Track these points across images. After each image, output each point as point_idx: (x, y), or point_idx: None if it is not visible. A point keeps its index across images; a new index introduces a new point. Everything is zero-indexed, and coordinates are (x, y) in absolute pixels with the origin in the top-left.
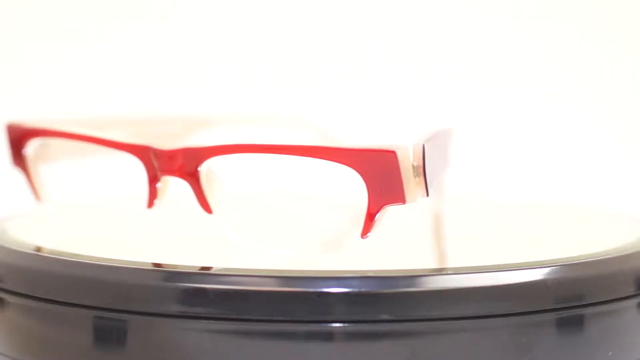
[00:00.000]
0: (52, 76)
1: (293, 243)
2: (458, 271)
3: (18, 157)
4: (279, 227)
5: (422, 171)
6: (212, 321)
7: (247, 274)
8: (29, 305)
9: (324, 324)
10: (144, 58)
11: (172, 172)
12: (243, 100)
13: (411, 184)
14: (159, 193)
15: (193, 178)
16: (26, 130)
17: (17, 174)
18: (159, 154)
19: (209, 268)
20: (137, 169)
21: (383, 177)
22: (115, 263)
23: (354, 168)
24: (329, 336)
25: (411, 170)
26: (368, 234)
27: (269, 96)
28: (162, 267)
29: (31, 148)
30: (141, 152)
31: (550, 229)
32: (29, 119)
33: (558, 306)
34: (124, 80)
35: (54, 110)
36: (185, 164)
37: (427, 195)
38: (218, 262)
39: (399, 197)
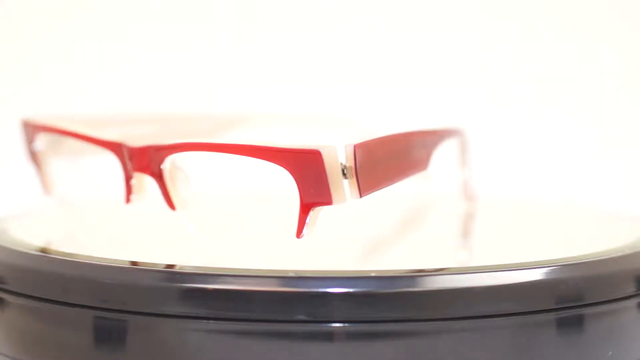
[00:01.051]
0: (80, 72)
1: (253, 241)
2: (458, 271)
3: (30, 151)
4: (243, 225)
5: (354, 172)
6: (212, 321)
7: (247, 274)
8: (29, 305)
9: (324, 324)
10: (178, 55)
11: (141, 169)
12: (291, 99)
13: (339, 185)
14: (134, 189)
15: (157, 175)
16: (35, 126)
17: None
18: (130, 151)
19: (209, 268)
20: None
21: (310, 177)
22: (115, 263)
23: (285, 168)
24: (329, 336)
25: (339, 170)
26: (303, 234)
27: (314, 95)
28: (162, 267)
29: (42, 143)
30: (116, 148)
31: (550, 229)
32: (50, 114)
33: (558, 306)
34: (161, 77)
35: (82, 106)
36: (150, 161)
37: (360, 196)
38: (218, 262)
39: (325, 197)
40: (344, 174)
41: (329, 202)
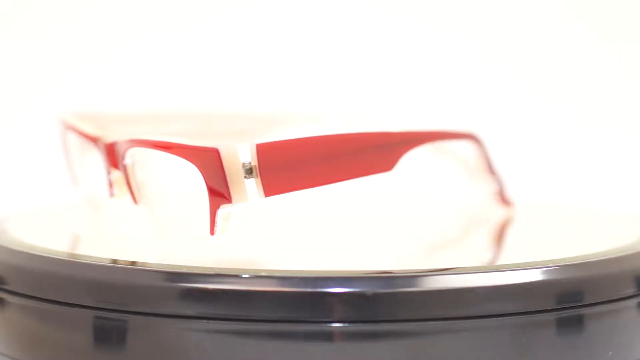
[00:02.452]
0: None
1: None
2: (458, 271)
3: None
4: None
5: (258, 171)
6: (212, 321)
7: (247, 274)
8: (29, 305)
9: (324, 324)
10: (218, 53)
11: (112, 164)
12: (334, 98)
13: (240, 184)
14: (114, 183)
15: (123, 170)
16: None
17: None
18: (104, 146)
19: (209, 268)
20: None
21: (212, 175)
22: (115, 263)
23: (195, 166)
24: (329, 336)
25: (240, 169)
26: (216, 232)
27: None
28: (162, 267)
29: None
30: (96, 143)
31: (550, 229)
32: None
33: (558, 306)
34: (199, 74)
35: (119, 103)
36: (117, 155)
37: (265, 196)
38: (218, 262)
39: (226, 196)
40: (250, 173)
41: (229, 200)
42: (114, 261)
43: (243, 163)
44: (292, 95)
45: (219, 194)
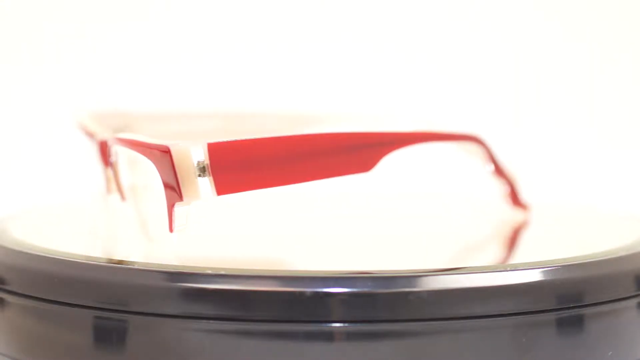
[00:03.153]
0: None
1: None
2: (458, 271)
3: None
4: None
5: (209, 170)
6: (212, 321)
7: (247, 274)
8: (29, 305)
9: (324, 324)
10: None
11: (104, 161)
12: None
13: (192, 182)
14: (109, 179)
15: (111, 167)
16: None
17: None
18: (97, 143)
19: (209, 268)
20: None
21: (165, 173)
22: (115, 263)
23: (153, 163)
24: (329, 336)
25: (192, 168)
26: (174, 230)
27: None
28: (162, 267)
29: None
30: (91, 139)
31: (550, 229)
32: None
33: (558, 306)
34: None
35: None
36: (106, 153)
37: (217, 194)
38: (218, 262)
39: (178, 194)
40: (203, 172)
41: (180, 198)
42: (114, 261)
43: (198, 162)
44: (316, 97)
45: (172, 191)
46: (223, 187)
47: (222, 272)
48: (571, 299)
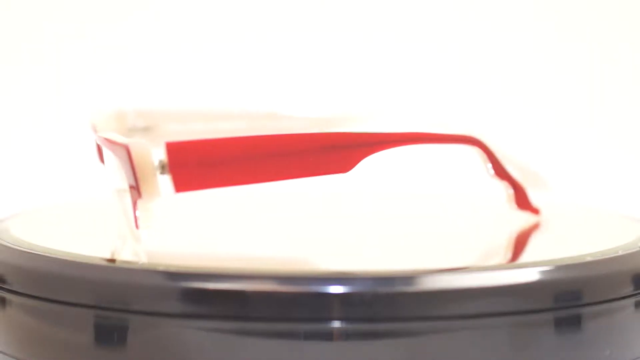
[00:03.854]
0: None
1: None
2: (458, 271)
3: None
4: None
5: (167, 168)
6: (212, 321)
7: (247, 274)
8: (30, 304)
9: (324, 324)
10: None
11: (100, 159)
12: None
13: (151, 180)
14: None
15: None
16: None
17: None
18: (95, 143)
19: (209, 268)
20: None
21: (127, 170)
22: (115, 263)
23: (118, 161)
24: (329, 336)
25: (152, 165)
26: (142, 226)
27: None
28: (162, 267)
29: None
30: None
31: (549, 229)
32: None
33: (556, 305)
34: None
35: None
36: (99, 152)
37: (176, 192)
38: (218, 261)
39: (138, 191)
40: (164, 170)
41: (139, 195)
42: (114, 261)
43: (160, 160)
44: (338, 98)
45: (135, 189)
46: (181, 185)
47: (222, 272)
48: (569, 299)
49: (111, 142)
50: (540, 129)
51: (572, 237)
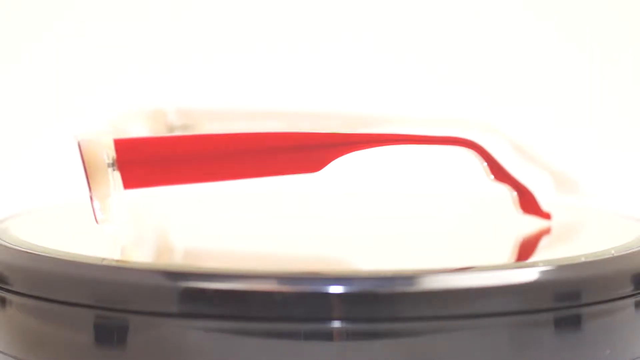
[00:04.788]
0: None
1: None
2: (458, 271)
3: None
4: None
5: (116, 166)
6: (212, 321)
7: (247, 274)
8: (30, 304)
9: (324, 324)
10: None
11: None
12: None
13: (102, 176)
14: None
15: None
16: None
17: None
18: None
19: (209, 268)
20: None
21: (84, 167)
22: (116, 263)
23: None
24: (329, 336)
25: (103, 162)
26: (101, 220)
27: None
28: (162, 267)
29: None
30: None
31: (549, 229)
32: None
33: (556, 305)
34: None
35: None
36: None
37: (124, 189)
38: (218, 262)
39: (88, 186)
40: (113, 166)
41: (89, 190)
42: (114, 261)
43: (113, 157)
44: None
45: (88, 184)
46: (130, 182)
47: (222, 272)
48: (569, 298)
49: (75, 138)
50: (540, 129)
51: (572, 237)
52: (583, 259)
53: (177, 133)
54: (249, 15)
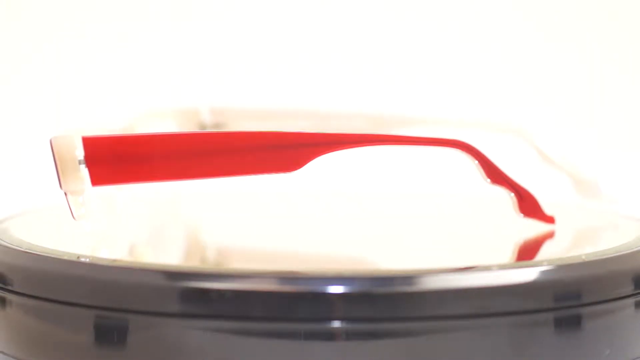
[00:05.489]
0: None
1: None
2: (458, 271)
3: None
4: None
5: (85, 162)
6: (212, 321)
7: (247, 274)
8: (30, 304)
9: (324, 324)
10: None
11: None
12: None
13: (72, 173)
14: None
15: None
16: None
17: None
18: None
19: (209, 268)
20: None
21: (55, 163)
22: (116, 263)
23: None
24: (329, 336)
25: (74, 159)
26: (77, 216)
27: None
28: (162, 267)
29: None
30: None
31: (549, 229)
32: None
33: (556, 305)
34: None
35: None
36: None
37: (92, 185)
38: (218, 262)
39: (59, 183)
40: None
41: (60, 187)
42: (114, 261)
43: (82, 154)
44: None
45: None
46: (97, 179)
47: (222, 272)
48: (569, 298)
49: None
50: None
51: (572, 237)
52: (583, 259)
53: (209, 130)
54: (282, 14)
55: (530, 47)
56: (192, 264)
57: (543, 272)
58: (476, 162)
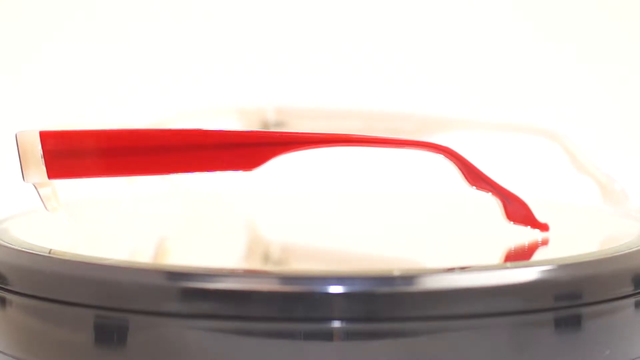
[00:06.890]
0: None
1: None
2: (457, 271)
3: None
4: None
5: (42, 156)
6: (212, 321)
7: (247, 274)
8: (30, 304)
9: (323, 324)
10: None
11: None
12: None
13: (34, 166)
14: None
15: None
16: None
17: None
18: None
19: (209, 268)
20: None
21: (19, 157)
22: (116, 263)
23: None
24: (329, 336)
25: (36, 153)
26: (50, 208)
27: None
28: (162, 267)
29: None
30: None
31: (550, 229)
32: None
33: (556, 305)
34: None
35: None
36: None
37: (48, 178)
38: (218, 261)
39: (22, 175)
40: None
41: (23, 179)
42: (114, 261)
43: (42, 147)
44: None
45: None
46: (53, 172)
47: (222, 272)
48: (569, 298)
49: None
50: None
51: (572, 237)
52: (583, 259)
53: (273, 129)
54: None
55: (538, 50)
56: (192, 263)
57: (543, 272)
58: (457, 167)
